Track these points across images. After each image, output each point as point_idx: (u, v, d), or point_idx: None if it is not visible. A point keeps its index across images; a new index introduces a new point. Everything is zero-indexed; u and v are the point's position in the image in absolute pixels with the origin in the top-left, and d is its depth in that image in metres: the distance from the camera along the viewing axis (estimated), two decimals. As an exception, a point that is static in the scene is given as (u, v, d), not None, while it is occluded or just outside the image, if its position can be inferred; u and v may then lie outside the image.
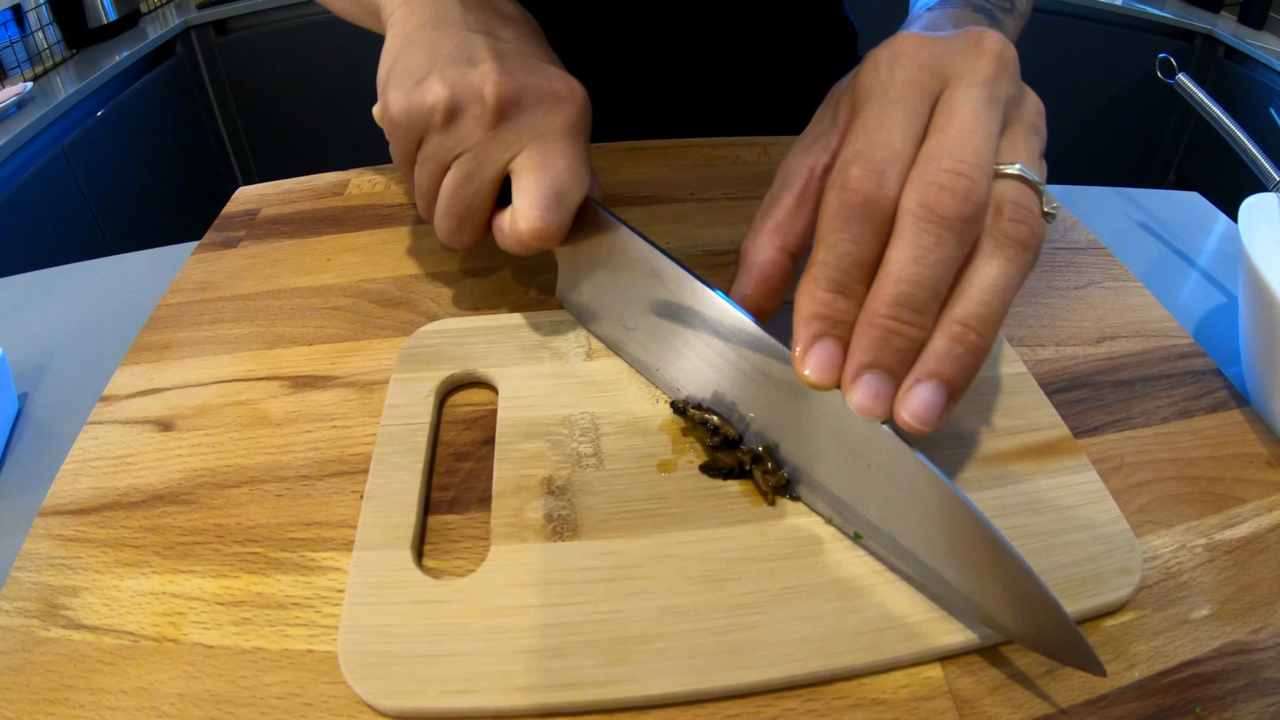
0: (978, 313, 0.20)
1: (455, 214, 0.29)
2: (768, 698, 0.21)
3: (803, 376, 0.21)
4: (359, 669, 0.21)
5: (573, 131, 0.28)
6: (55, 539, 0.26)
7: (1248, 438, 0.29)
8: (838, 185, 0.21)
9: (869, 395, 0.20)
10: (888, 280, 0.20)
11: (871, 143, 0.21)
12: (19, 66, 1.38)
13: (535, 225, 0.27)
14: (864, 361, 0.20)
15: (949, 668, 0.22)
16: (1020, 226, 0.21)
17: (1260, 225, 0.34)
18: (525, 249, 0.29)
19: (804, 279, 0.21)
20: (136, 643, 0.22)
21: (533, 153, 0.28)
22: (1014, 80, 0.23)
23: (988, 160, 0.21)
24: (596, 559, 0.23)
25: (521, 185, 0.28)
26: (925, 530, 0.22)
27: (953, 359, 0.20)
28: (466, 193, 0.28)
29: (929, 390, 0.20)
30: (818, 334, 0.21)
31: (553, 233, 0.28)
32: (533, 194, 0.27)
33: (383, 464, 0.27)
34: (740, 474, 0.26)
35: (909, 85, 0.22)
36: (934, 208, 0.20)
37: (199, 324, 0.35)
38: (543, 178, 0.27)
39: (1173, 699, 0.21)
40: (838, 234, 0.21)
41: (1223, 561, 0.25)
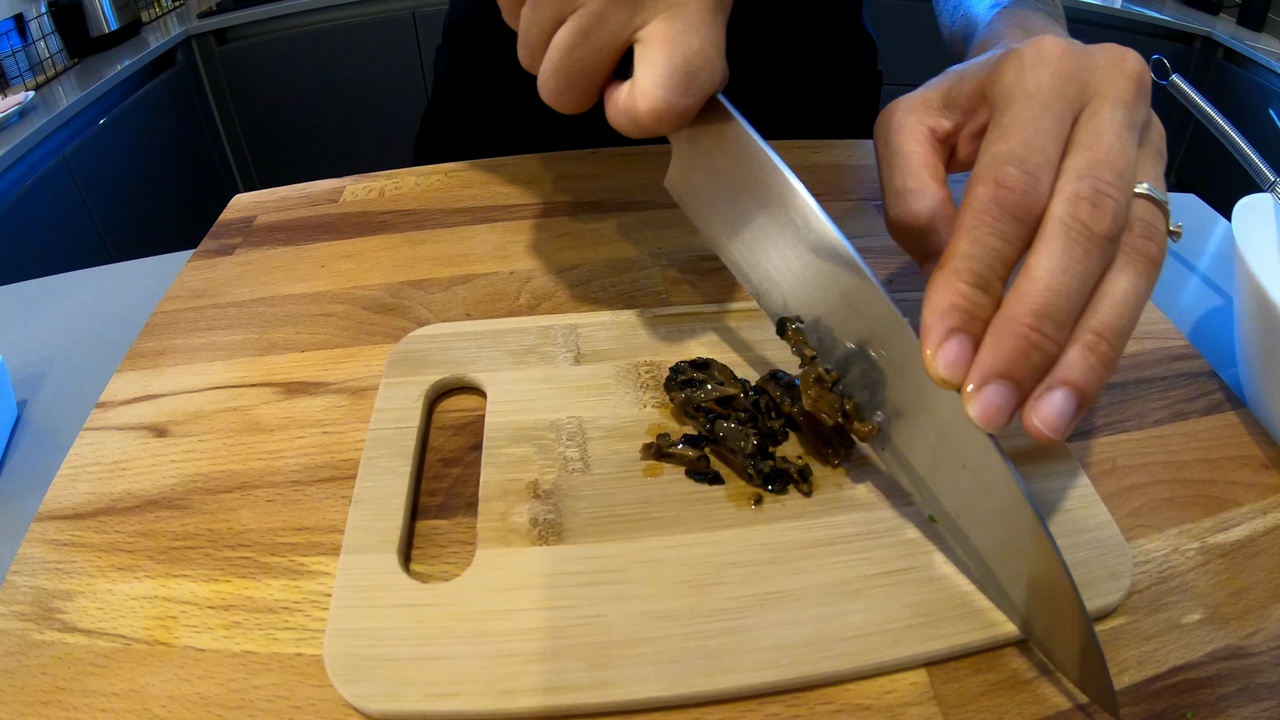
0: (1111, 324, 0.20)
1: (565, 74, 0.25)
2: (752, 703, 0.21)
3: (932, 371, 0.20)
4: (345, 672, 0.21)
5: (713, 6, 0.25)
6: (51, 543, 0.26)
7: (1243, 440, 0.29)
8: (990, 180, 0.20)
9: (993, 406, 0.19)
10: (1036, 288, 0.19)
11: (1026, 145, 0.21)
12: (21, 76, 1.40)
13: (657, 105, 0.24)
14: (996, 370, 0.19)
15: (934, 673, 0.22)
16: (1150, 244, 0.21)
17: (1255, 226, 0.34)
18: (639, 129, 0.25)
19: (942, 271, 0.20)
20: (129, 646, 0.23)
21: (665, 23, 0.24)
22: (1148, 104, 0.23)
23: (1131, 182, 0.21)
24: (581, 563, 0.23)
25: (648, 57, 0.24)
26: (1002, 546, 0.22)
27: (1086, 368, 0.19)
28: (582, 53, 0.25)
29: (1062, 398, 0.19)
30: (954, 328, 0.20)
31: (675, 118, 0.25)
32: (660, 69, 0.24)
33: (371, 468, 0.27)
34: (718, 479, 0.26)
35: (1057, 95, 0.22)
36: (1086, 222, 0.20)
37: (194, 331, 0.36)
38: (673, 53, 0.24)
39: (1164, 705, 0.21)
40: (987, 228, 0.20)
41: (1216, 565, 0.24)
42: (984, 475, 0.21)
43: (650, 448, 0.27)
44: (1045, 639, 0.21)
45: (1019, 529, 0.21)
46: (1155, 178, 0.22)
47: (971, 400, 0.20)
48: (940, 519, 0.24)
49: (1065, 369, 0.20)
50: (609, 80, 0.26)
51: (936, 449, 0.23)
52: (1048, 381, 0.20)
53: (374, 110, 1.87)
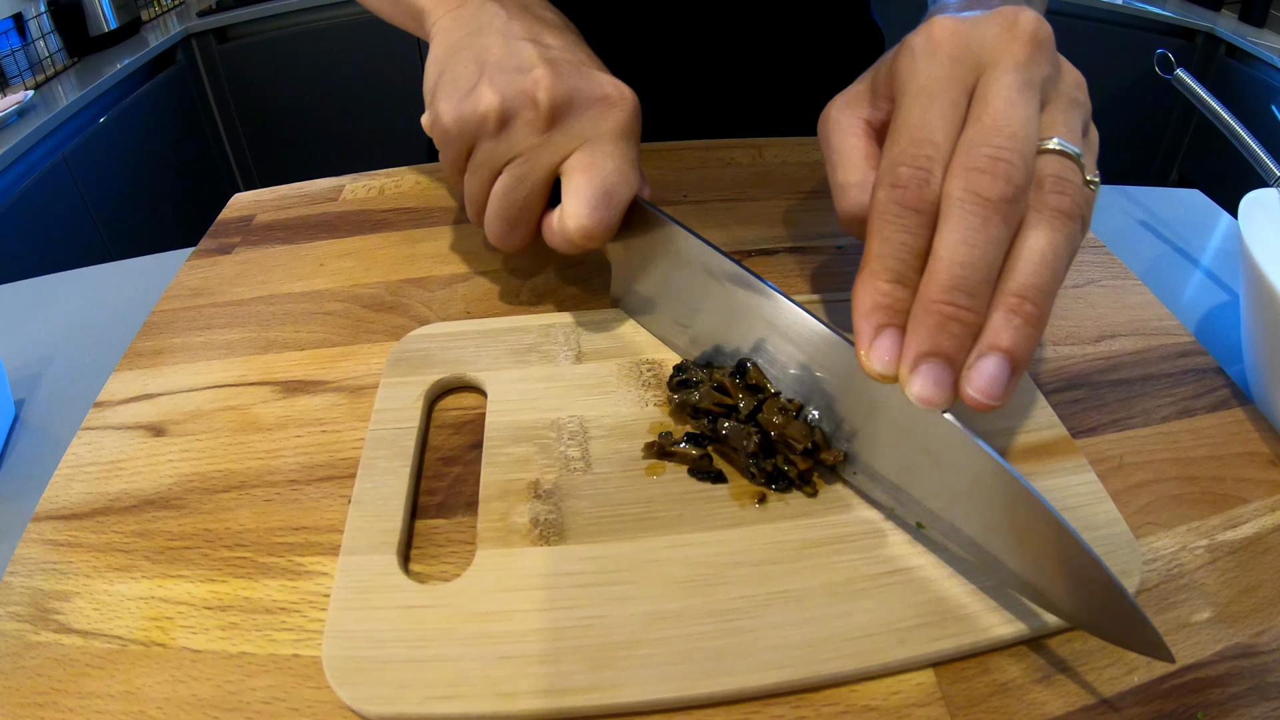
0: (1030, 283, 0.20)
1: (507, 217, 0.30)
2: (756, 704, 0.21)
3: (869, 369, 0.21)
4: (343, 674, 0.21)
5: (623, 134, 0.29)
6: (48, 544, 0.26)
7: (1250, 436, 0.29)
8: (886, 183, 0.21)
9: (929, 384, 0.20)
10: (939, 265, 0.20)
11: (915, 140, 0.21)
12: (20, 75, 1.40)
13: (584, 224, 0.28)
14: (922, 350, 0.20)
15: (941, 674, 0.21)
16: (1062, 197, 0.21)
17: (1261, 221, 0.33)
18: (574, 247, 0.29)
19: (861, 275, 0.21)
20: (125, 647, 0.22)
21: (583, 154, 0.28)
22: (1050, 60, 0.23)
23: (1025, 142, 0.21)
24: (583, 563, 0.23)
25: (572, 186, 0.28)
26: (987, 518, 0.21)
27: (1011, 329, 0.20)
28: (518, 196, 0.29)
29: (992, 363, 0.20)
30: (880, 325, 0.21)
31: (601, 231, 0.28)
32: (583, 194, 0.28)
33: (370, 468, 0.26)
34: (721, 478, 0.26)
35: (946, 80, 0.22)
36: (978, 191, 0.20)
37: (193, 329, 0.35)
38: (593, 178, 0.28)
39: (1173, 704, 0.21)
40: (890, 226, 0.21)
41: (1225, 563, 0.24)
42: (957, 462, 0.22)
43: (652, 446, 0.27)
44: (1072, 608, 0.21)
45: (1009, 502, 0.21)
46: (1067, 129, 0.22)
47: (909, 384, 0.20)
48: (928, 522, 0.23)
49: (990, 335, 0.20)
50: (544, 212, 0.30)
51: (905, 453, 0.23)
52: (977, 350, 0.20)
53: (374, 109, 1.87)
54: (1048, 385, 0.31)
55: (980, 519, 0.22)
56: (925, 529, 0.24)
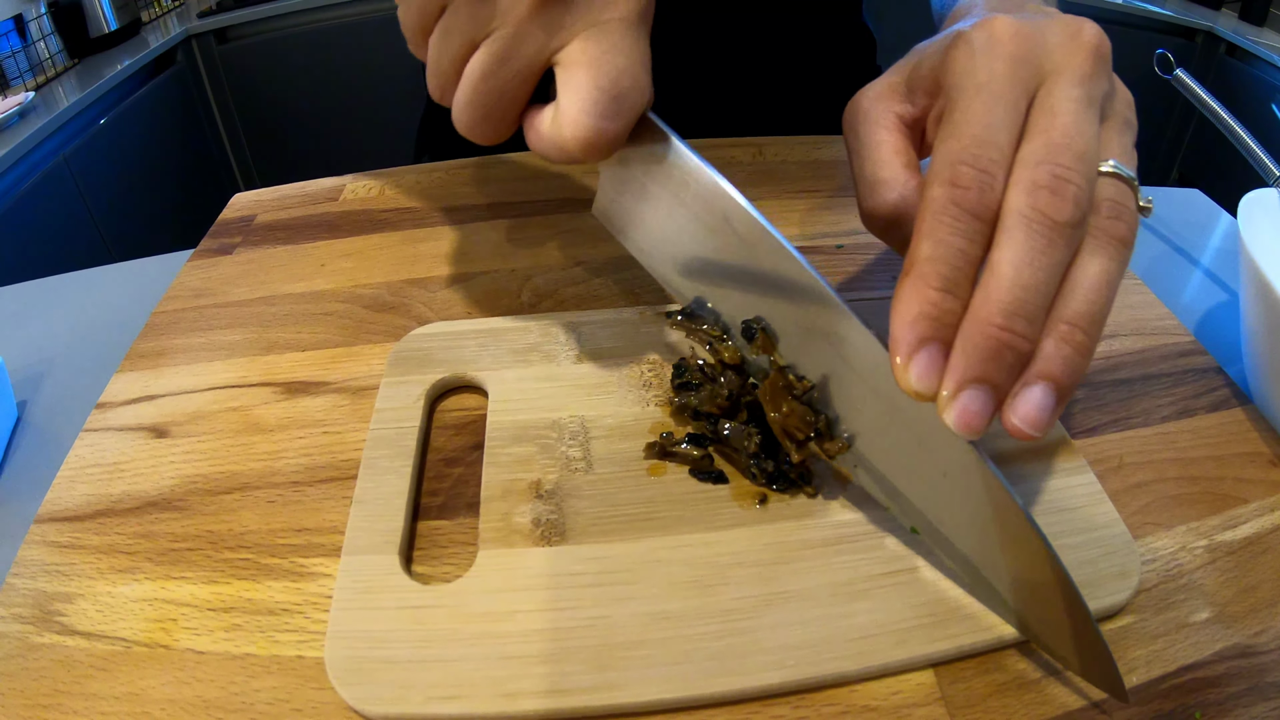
0: (1085, 311, 0.19)
1: (481, 104, 0.24)
2: (756, 704, 0.21)
3: (905, 385, 0.19)
4: (346, 674, 0.21)
5: (636, 23, 0.24)
6: (50, 545, 0.26)
7: (1249, 436, 0.29)
8: (946, 181, 0.20)
9: (971, 412, 0.18)
10: (1002, 285, 0.18)
11: (979, 140, 0.20)
12: (21, 76, 1.40)
13: (586, 133, 0.23)
14: (971, 375, 0.18)
15: (941, 674, 0.21)
16: (1119, 224, 0.20)
17: (1260, 220, 0.33)
18: (567, 157, 0.24)
19: (907, 278, 0.19)
20: (129, 649, 0.22)
21: (588, 43, 0.23)
22: (1108, 74, 0.22)
23: (1091, 164, 0.20)
24: (584, 564, 0.23)
25: (572, 81, 0.23)
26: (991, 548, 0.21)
27: (1062, 359, 0.19)
28: (498, 80, 0.23)
29: (1040, 393, 0.19)
30: (925, 337, 0.19)
31: (604, 143, 0.23)
32: (586, 93, 0.22)
33: (372, 469, 0.26)
34: (722, 478, 0.26)
35: (1008, 80, 0.21)
36: (1046, 211, 0.19)
37: (194, 331, 0.35)
38: (599, 75, 0.23)
39: (1172, 704, 0.21)
40: (946, 229, 0.19)
41: (1224, 563, 0.24)
42: (966, 480, 0.21)
43: (654, 447, 0.27)
44: (1045, 635, 0.21)
45: (1007, 529, 0.21)
46: (1122, 151, 0.21)
47: (948, 408, 0.19)
48: (923, 529, 0.23)
49: (1042, 363, 0.19)
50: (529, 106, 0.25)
51: (913, 459, 0.22)
52: (1024, 378, 0.19)
53: (374, 109, 1.87)
54: (1047, 385, 0.31)
55: (975, 537, 0.22)
56: (918, 534, 0.23)
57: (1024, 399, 0.19)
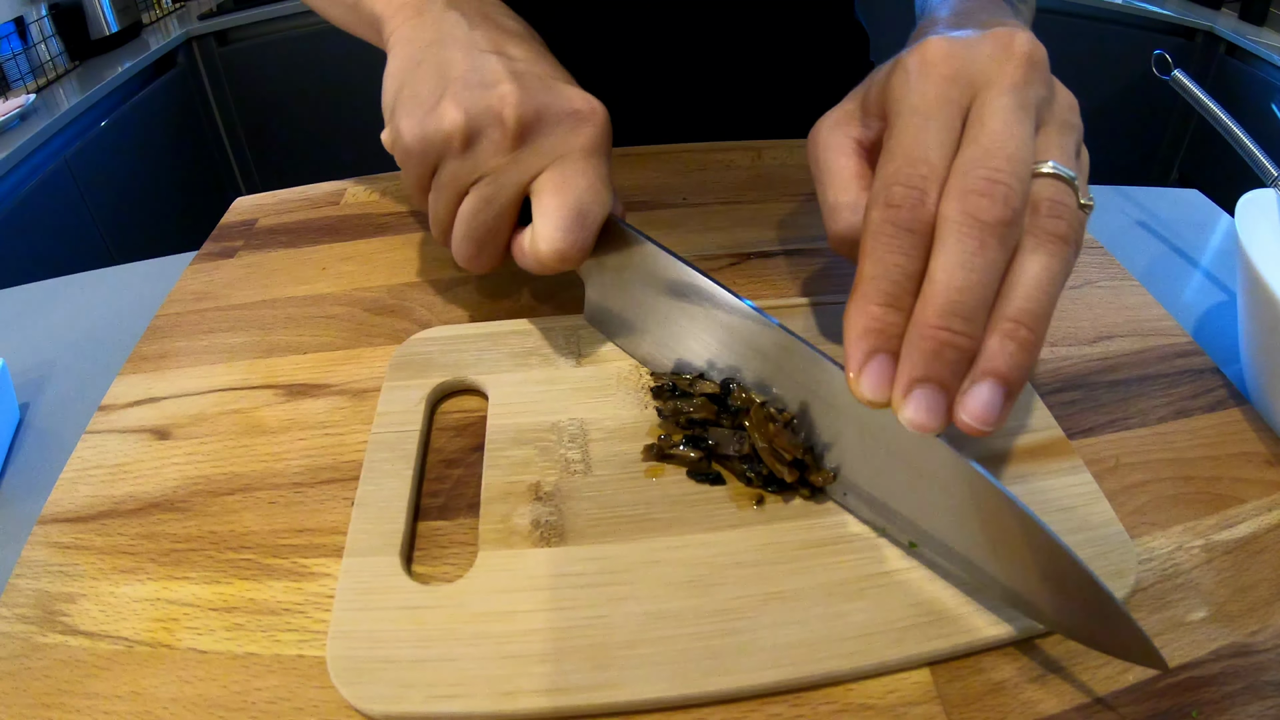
0: (1026, 308, 0.20)
1: (475, 239, 0.29)
2: (754, 703, 0.21)
3: (859, 394, 0.20)
4: (347, 674, 0.21)
5: (594, 150, 0.28)
6: (54, 546, 0.26)
7: (1246, 436, 0.29)
8: (880, 203, 0.21)
9: (923, 410, 0.20)
10: (936, 289, 0.20)
11: (910, 159, 0.21)
12: (22, 79, 1.40)
13: (557, 246, 0.27)
14: (916, 376, 0.20)
15: (937, 673, 0.21)
16: (1058, 222, 0.21)
17: (1258, 221, 0.33)
18: (546, 269, 0.28)
19: (853, 298, 0.21)
20: (131, 648, 0.23)
21: (554, 173, 0.27)
22: (1044, 81, 0.23)
23: (1023, 165, 0.21)
24: (583, 564, 0.23)
25: (542, 206, 0.27)
26: (980, 536, 0.22)
27: (1006, 355, 0.20)
28: (486, 217, 0.28)
29: (987, 390, 0.19)
30: (872, 349, 0.20)
31: (575, 253, 0.27)
32: (554, 214, 0.27)
33: (373, 471, 0.27)
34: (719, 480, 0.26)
35: (939, 100, 0.22)
36: (975, 214, 0.20)
37: (196, 333, 0.36)
38: (565, 197, 0.27)
39: (1169, 703, 0.21)
40: (884, 248, 0.21)
41: (1221, 562, 0.24)
42: (947, 481, 0.22)
43: (652, 449, 0.27)
44: (1067, 624, 0.21)
45: (1005, 525, 0.21)
46: (1061, 152, 0.22)
47: (901, 409, 0.20)
48: (922, 541, 0.23)
49: (986, 360, 0.20)
50: (514, 232, 0.29)
51: (899, 476, 0.23)
52: (971, 375, 0.20)
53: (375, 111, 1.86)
54: (1044, 386, 0.31)
55: (973, 537, 0.22)
56: (917, 548, 0.24)
57: (972, 395, 0.20)
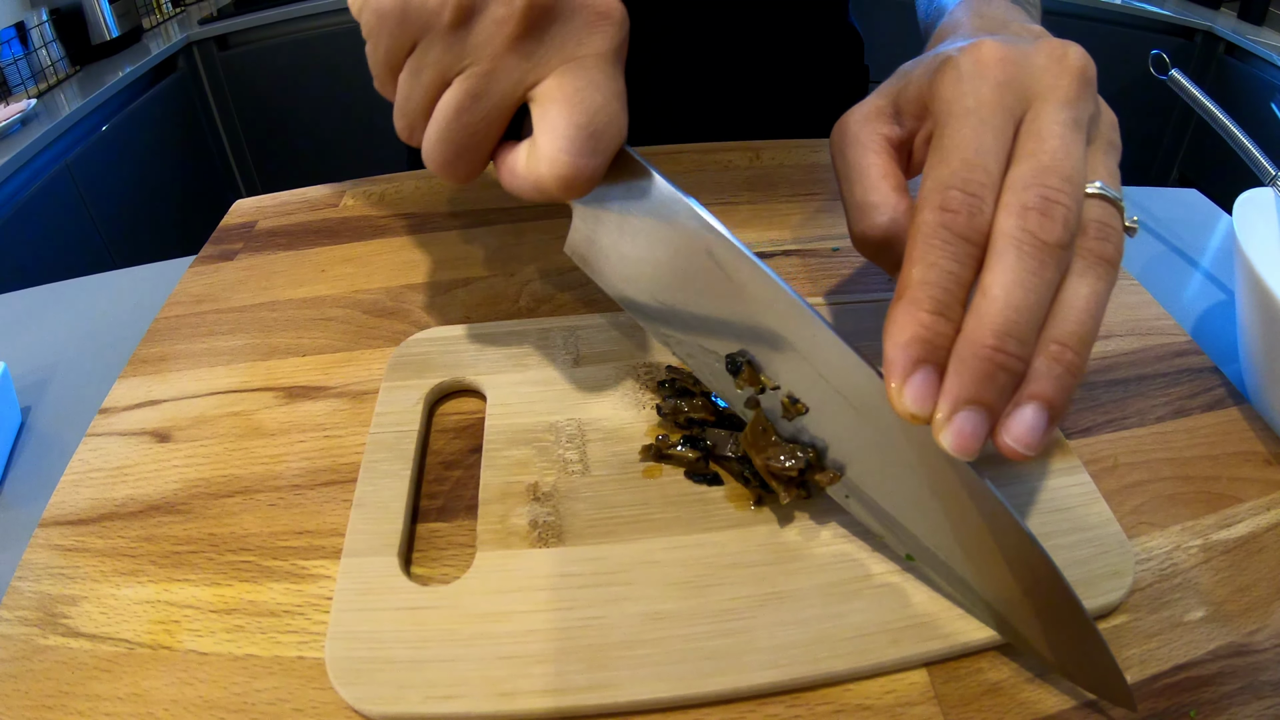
0: (1075, 332, 0.19)
1: (453, 142, 0.23)
2: (751, 704, 0.21)
3: (900, 408, 0.19)
4: (345, 674, 0.21)
5: (613, 58, 0.23)
6: (55, 549, 0.26)
7: (1245, 435, 0.29)
8: (936, 206, 0.20)
9: (966, 433, 0.19)
10: (993, 306, 0.19)
11: (968, 164, 0.20)
12: (23, 83, 1.40)
13: (563, 171, 0.22)
14: (965, 396, 0.19)
15: (934, 673, 0.21)
16: (1107, 245, 0.21)
17: (1255, 220, 0.33)
18: (544, 196, 0.23)
19: (900, 301, 0.20)
20: (132, 650, 0.23)
21: (564, 79, 0.22)
22: (1094, 97, 0.23)
23: (1080, 185, 0.20)
24: (581, 565, 0.23)
25: (548, 118, 0.22)
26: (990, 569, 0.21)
27: (1053, 379, 0.19)
28: (471, 117, 0.23)
29: (1032, 413, 0.19)
30: (919, 359, 0.19)
31: (584, 181, 0.22)
32: (562, 130, 0.22)
33: (372, 472, 0.27)
34: (717, 480, 0.26)
35: (996, 107, 0.21)
36: (1036, 232, 0.19)
37: (196, 336, 0.36)
38: (576, 111, 0.22)
39: (1166, 703, 0.21)
40: (937, 252, 0.20)
41: (1219, 562, 0.24)
42: (960, 502, 0.21)
43: (649, 449, 0.27)
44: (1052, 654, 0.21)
45: (1006, 549, 0.21)
46: (1108, 173, 0.22)
47: (944, 430, 0.19)
48: (919, 555, 0.23)
49: (1034, 383, 0.19)
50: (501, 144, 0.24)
51: (906, 483, 0.22)
52: (1016, 398, 0.19)
53: (375, 115, 1.87)
54: (1043, 386, 0.31)
55: (979, 563, 0.21)
56: (914, 561, 0.23)
57: (1017, 419, 0.19)
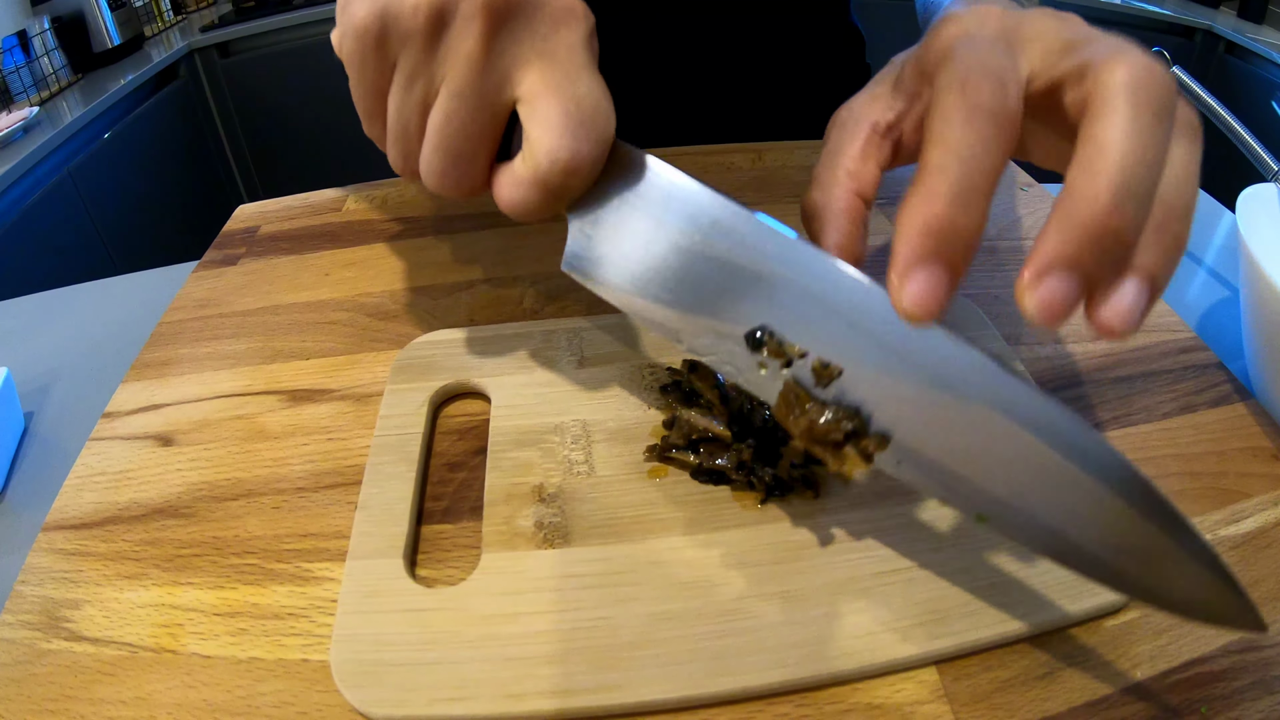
0: (1178, 201, 0.17)
1: (448, 148, 0.23)
2: (759, 704, 0.21)
3: (898, 303, 0.17)
4: (350, 677, 0.21)
5: (585, 50, 0.23)
6: (58, 553, 0.26)
7: (1252, 431, 0.29)
8: (955, 88, 0.18)
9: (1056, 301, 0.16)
10: (1109, 159, 0.16)
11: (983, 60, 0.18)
12: (25, 91, 1.41)
13: (561, 155, 0.21)
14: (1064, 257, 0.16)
15: (945, 671, 0.21)
16: (1190, 111, 0.19)
17: (1259, 215, 0.33)
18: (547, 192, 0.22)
19: (915, 188, 0.18)
20: (135, 654, 0.23)
21: (544, 73, 0.22)
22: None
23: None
24: (587, 566, 0.23)
25: (537, 113, 0.22)
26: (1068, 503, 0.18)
27: (1159, 251, 0.17)
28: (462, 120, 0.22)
29: (1135, 288, 0.17)
30: (927, 254, 0.17)
31: (583, 167, 0.22)
32: (554, 119, 0.21)
33: (376, 474, 0.27)
34: (723, 479, 0.26)
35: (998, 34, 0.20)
36: (1148, 88, 0.17)
37: (199, 340, 0.36)
38: (563, 99, 0.22)
39: (1177, 699, 0.21)
40: (962, 134, 0.17)
41: (1228, 557, 0.24)
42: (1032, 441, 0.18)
43: (655, 449, 0.27)
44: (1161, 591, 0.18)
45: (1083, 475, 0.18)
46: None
47: (1029, 291, 0.17)
48: (992, 513, 0.19)
49: (1140, 255, 0.17)
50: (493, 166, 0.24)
51: (967, 431, 0.19)
52: (1118, 269, 0.17)
53: (375, 120, 1.88)
54: (1050, 384, 0.31)
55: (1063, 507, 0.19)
56: (987, 521, 0.20)
57: (1121, 293, 0.17)
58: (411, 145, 0.24)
